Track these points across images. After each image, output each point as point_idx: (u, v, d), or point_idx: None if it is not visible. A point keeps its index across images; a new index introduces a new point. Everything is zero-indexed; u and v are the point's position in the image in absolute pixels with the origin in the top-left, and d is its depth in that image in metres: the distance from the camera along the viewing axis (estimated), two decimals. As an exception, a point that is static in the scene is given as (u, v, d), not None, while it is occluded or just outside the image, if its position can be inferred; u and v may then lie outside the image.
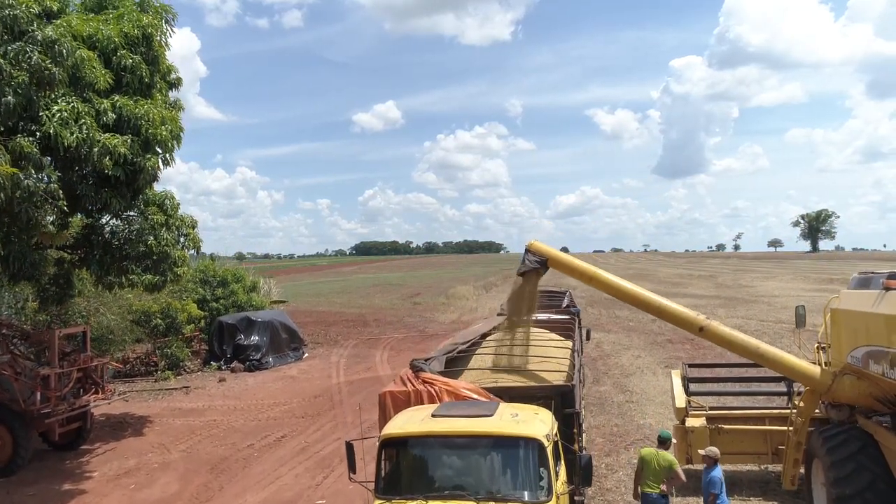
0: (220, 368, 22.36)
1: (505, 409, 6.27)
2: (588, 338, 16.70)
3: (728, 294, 48.63)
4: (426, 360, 7.92)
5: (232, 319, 23.18)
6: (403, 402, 7.07)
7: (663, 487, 7.55)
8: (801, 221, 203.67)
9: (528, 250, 9.03)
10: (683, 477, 7.75)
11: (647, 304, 8.37)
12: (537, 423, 5.95)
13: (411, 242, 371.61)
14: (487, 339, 10.72)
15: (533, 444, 5.67)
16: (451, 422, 5.96)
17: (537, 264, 8.90)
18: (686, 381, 10.33)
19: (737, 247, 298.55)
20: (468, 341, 10.02)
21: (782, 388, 10.42)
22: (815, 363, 8.37)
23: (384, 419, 7.08)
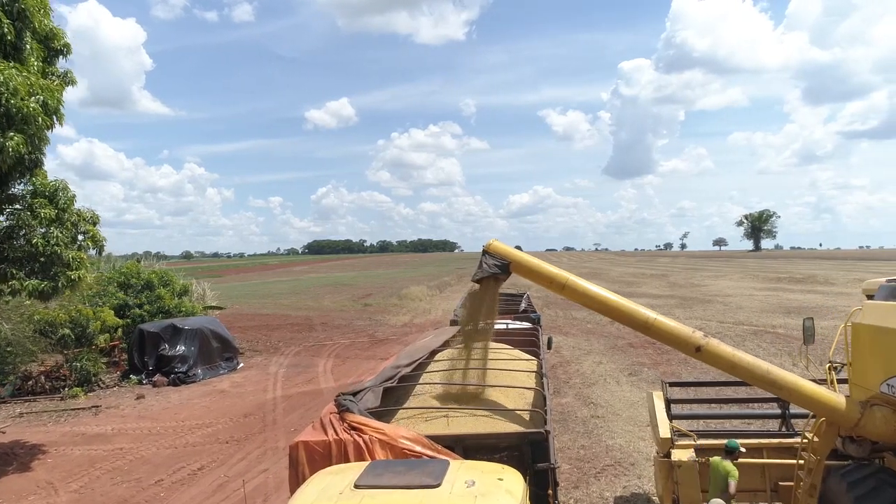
0: (140, 383, 19.91)
1: (457, 471, 4.55)
2: (550, 346, 15.19)
3: (682, 293, 48.42)
4: (356, 395, 6.13)
5: (154, 327, 20.72)
6: (322, 456, 5.29)
7: (716, 501, 7.19)
8: (745, 221, 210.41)
9: (485, 252, 7.34)
10: (733, 490, 7.08)
11: (633, 319, 6.81)
12: (502, 495, 4.24)
13: (365, 241, 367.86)
14: (438, 356, 8.99)
15: (496, 531, 3.97)
16: (380, 497, 4.20)
17: (497, 269, 7.22)
18: (668, 403, 8.85)
19: (683, 245, 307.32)
20: (414, 361, 8.23)
21: (770, 408, 9.15)
22: (827, 385, 6.98)
23: (296, 480, 5.29)
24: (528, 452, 5.15)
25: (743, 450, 7.39)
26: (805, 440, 6.93)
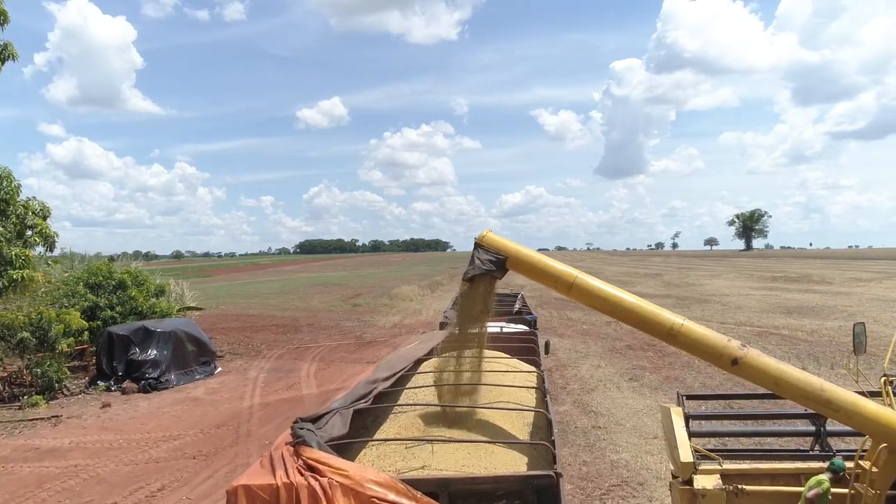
0: (108, 389, 18.60)
1: (440, 534, 3.38)
2: (547, 350, 14.04)
3: (678, 293, 47.54)
4: (317, 420, 4.92)
5: (124, 330, 19.40)
6: (268, 504, 4.09)
7: None
8: (736, 220, 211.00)
9: (478, 246, 6.16)
10: (811, 494, 5.70)
11: (655, 325, 5.66)
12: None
13: (357, 241, 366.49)
14: (423, 367, 7.84)
15: None
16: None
17: (492, 265, 6.04)
18: (687, 420, 7.69)
19: (675, 245, 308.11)
20: (395, 374, 7.07)
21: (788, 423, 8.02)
22: (883, 402, 5.87)
23: (234, 536, 4.09)
24: (533, 502, 3.98)
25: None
26: (860, 469, 5.80)
